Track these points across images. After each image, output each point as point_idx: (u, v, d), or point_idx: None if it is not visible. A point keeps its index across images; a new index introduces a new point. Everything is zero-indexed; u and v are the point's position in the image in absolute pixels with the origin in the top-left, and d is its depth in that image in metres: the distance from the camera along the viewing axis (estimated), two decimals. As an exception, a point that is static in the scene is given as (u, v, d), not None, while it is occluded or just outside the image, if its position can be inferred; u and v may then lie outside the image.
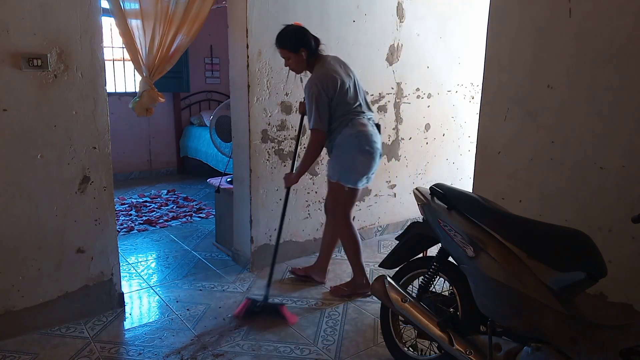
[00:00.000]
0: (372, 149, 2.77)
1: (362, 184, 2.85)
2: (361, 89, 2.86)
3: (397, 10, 3.76)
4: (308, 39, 2.74)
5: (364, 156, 2.75)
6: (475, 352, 1.82)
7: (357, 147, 2.73)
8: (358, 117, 2.75)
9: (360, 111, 2.78)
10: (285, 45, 2.73)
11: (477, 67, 4.12)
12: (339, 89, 2.69)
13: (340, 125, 2.74)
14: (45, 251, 2.49)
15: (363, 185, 2.88)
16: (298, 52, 2.72)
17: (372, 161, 2.80)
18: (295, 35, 2.74)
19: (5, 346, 2.40)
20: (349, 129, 2.73)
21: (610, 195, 2.04)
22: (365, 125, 2.75)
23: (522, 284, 1.65)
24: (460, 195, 1.94)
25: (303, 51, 2.72)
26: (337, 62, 2.82)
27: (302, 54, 2.72)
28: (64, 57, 2.39)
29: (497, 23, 2.40)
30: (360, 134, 2.73)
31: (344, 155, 2.76)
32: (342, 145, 2.75)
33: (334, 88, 2.68)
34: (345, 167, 2.77)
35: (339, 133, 2.75)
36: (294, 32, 2.75)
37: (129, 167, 6.16)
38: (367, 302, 2.92)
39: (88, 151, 2.54)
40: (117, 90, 6.03)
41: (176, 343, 2.48)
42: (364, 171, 2.80)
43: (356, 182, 2.81)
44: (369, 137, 2.75)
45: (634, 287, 2.01)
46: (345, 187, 2.80)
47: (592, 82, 2.05)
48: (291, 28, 2.78)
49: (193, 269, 3.41)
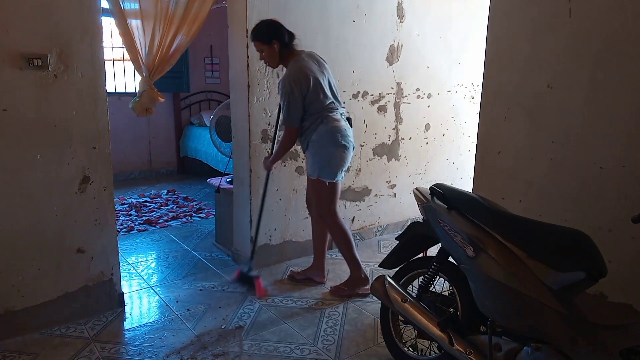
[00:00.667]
0: (347, 143, 2.83)
1: (341, 177, 2.90)
2: (334, 84, 2.89)
3: (397, 10, 3.77)
4: (281, 32, 2.77)
5: (340, 150, 2.81)
6: (475, 352, 1.82)
7: (333, 142, 2.78)
8: (331, 114, 2.79)
9: (334, 107, 2.82)
10: (258, 37, 2.77)
11: (477, 67, 4.12)
12: (312, 86, 2.72)
13: (314, 122, 2.78)
14: (45, 251, 2.49)
15: (342, 178, 2.92)
16: (270, 44, 2.74)
17: (348, 155, 2.87)
18: (267, 27, 2.77)
19: (5, 346, 2.40)
20: (324, 125, 2.77)
21: (610, 195, 2.04)
22: (339, 120, 2.81)
23: (522, 284, 1.65)
24: (460, 195, 1.94)
25: (275, 43, 2.74)
26: (312, 58, 2.83)
27: (274, 46, 2.75)
28: (64, 57, 2.39)
29: (497, 23, 2.40)
30: (335, 129, 2.77)
31: (321, 151, 2.80)
32: (318, 141, 2.79)
33: (307, 85, 2.71)
34: (324, 163, 2.81)
35: (314, 130, 2.79)
36: (267, 25, 2.79)
37: (129, 167, 6.16)
38: (367, 302, 2.92)
39: (88, 151, 2.54)
40: (117, 90, 6.02)
41: (176, 343, 2.48)
42: (341, 165, 2.85)
43: (335, 175, 2.85)
44: (343, 132, 2.80)
45: (634, 287, 2.01)
46: (326, 182, 2.83)
47: (592, 82, 2.05)
48: (265, 21, 2.82)
49: (193, 269, 3.41)
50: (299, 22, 3.25)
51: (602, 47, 2.01)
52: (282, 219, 3.45)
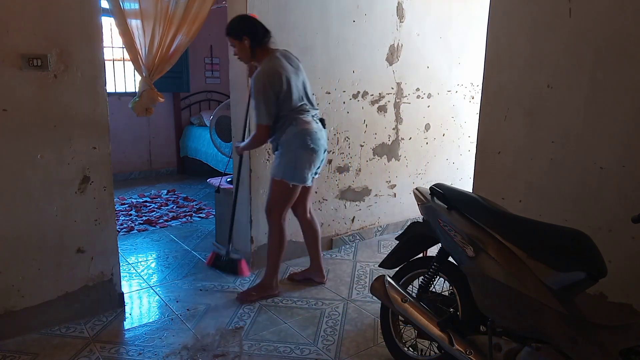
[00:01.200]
0: (317, 146, 2.77)
1: (309, 181, 2.85)
2: (308, 86, 2.86)
3: (397, 10, 3.77)
4: (253, 29, 2.72)
5: (307, 153, 2.76)
6: (475, 352, 1.82)
7: (301, 145, 2.73)
8: (302, 116, 2.75)
9: (305, 109, 2.78)
10: (229, 32, 2.74)
11: (477, 67, 4.12)
12: (286, 86, 2.68)
13: (285, 123, 2.74)
14: (45, 251, 2.49)
15: (309, 182, 2.87)
16: (241, 39, 2.71)
17: (317, 158, 2.82)
18: (239, 23, 2.74)
19: (5, 346, 2.40)
20: (294, 127, 2.73)
21: (610, 195, 2.04)
22: (309, 123, 2.76)
23: (522, 284, 1.65)
24: (460, 195, 1.94)
25: (246, 39, 2.70)
26: (286, 58, 2.79)
27: (244, 42, 2.71)
28: (64, 57, 2.39)
29: (497, 23, 2.40)
30: (305, 132, 2.73)
31: (289, 153, 2.76)
32: (287, 143, 2.75)
33: (280, 85, 2.66)
34: (291, 165, 2.76)
35: (284, 131, 2.75)
36: (239, 20, 2.76)
37: (129, 167, 6.16)
38: (367, 302, 2.92)
39: (88, 151, 2.54)
40: (117, 90, 6.02)
41: (176, 343, 2.48)
42: (307, 168, 2.79)
43: (302, 179, 2.80)
44: (313, 135, 2.75)
45: (634, 287, 2.01)
46: (290, 184, 2.79)
47: (592, 82, 2.05)
48: (238, 16, 2.80)
49: (193, 269, 3.41)
50: (299, 22, 3.25)
51: (602, 47, 2.01)
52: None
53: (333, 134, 3.60)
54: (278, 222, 2.89)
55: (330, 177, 3.66)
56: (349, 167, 3.76)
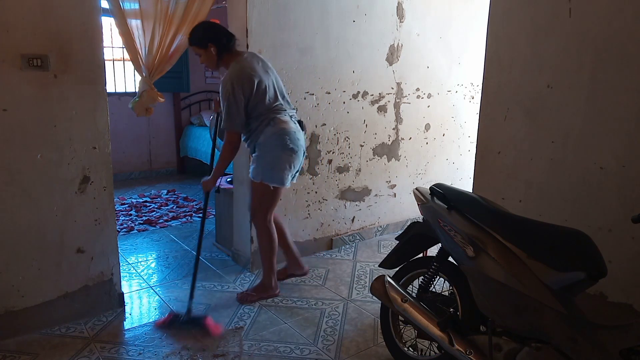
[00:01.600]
0: (296, 147, 2.73)
1: (288, 182, 2.81)
2: (282, 86, 2.82)
3: (397, 10, 3.77)
4: (217, 35, 2.69)
5: (287, 154, 2.71)
6: (475, 352, 1.81)
7: (280, 145, 2.69)
8: (279, 115, 2.71)
9: (282, 109, 2.74)
10: (194, 42, 2.70)
11: (477, 67, 4.13)
12: (256, 87, 2.63)
13: (261, 124, 2.69)
14: (45, 251, 2.49)
15: (289, 184, 2.82)
16: (206, 47, 2.67)
17: (297, 159, 2.77)
18: (203, 31, 2.70)
19: (5, 346, 2.40)
20: (271, 127, 2.68)
21: (610, 195, 2.04)
22: (287, 122, 2.72)
23: (522, 284, 1.65)
24: (460, 195, 1.94)
25: (211, 47, 2.67)
26: (255, 59, 2.75)
27: (210, 49, 2.67)
28: (64, 57, 2.39)
29: (497, 23, 2.40)
30: (283, 132, 2.68)
31: (267, 154, 2.71)
32: (265, 144, 2.70)
33: (250, 87, 2.62)
34: (269, 167, 2.72)
35: (261, 132, 2.70)
36: (202, 29, 2.72)
37: (129, 167, 6.16)
38: (367, 302, 2.92)
39: (88, 151, 2.54)
40: (117, 90, 6.02)
41: (176, 343, 2.47)
42: (287, 169, 2.75)
43: (282, 181, 2.75)
44: (292, 135, 2.71)
45: (634, 287, 2.01)
46: (270, 186, 2.75)
47: (592, 82, 2.05)
48: (201, 24, 2.77)
49: (193, 269, 3.40)
50: (299, 22, 3.25)
51: (602, 47, 2.01)
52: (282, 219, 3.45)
53: (333, 134, 3.60)
54: (263, 224, 2.86)
55: (330, 177, 3.67)
56: (349, 167, 3.76)
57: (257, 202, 2.82)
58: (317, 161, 3.55)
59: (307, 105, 3.41)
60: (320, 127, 3.51)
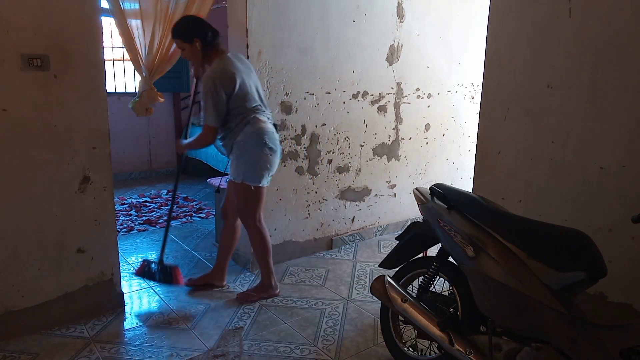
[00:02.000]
0: (275, 147, 2.74)
1: (267, 181, 2.80)
2: (261, 88, 2.82)
3: (397, 10, 3.77)
4: (203, 30, 2.67)
5: (267, 153, 2.71)
6: (475, 352, 1.82)
7: (260, 144, 2.68)
8: (258, 115, 2.70)
9: (261, 110, 2.74)
10: (180, 35, 2.66)
11: (477, 67, 4.12)
12: (238, 86, 2.62)
13: (240, 123, 2.68)
14: (45, 251, 2.49)
15: (268, 183, 2.82)
16: (192, 42, 2.64)
17: (275, 158, 2.78)
18: (189, 25, 2.68)
19: (5, 346, 2.40)
20: (251, 126, 2.67)
21: (610, 195, 2.04)
22: (266, 122, 2.72)
23: (522, 284, 1.65)
24: (460, 195, 1.94)
25: (197, 42, 2.64)
26: (238, 59, 2.75)
27: (196, 44, 2.65)
28: (64, 57, 2.39)
29: (497, 23, 2.40)
30: (263, 131, 2.68)
31: (247, 154, 2.70)
32: (244, 143, 2.69)
33: (232, 85, 2.60)
34: (250, 166, 2.71)
35: (240, 131, 2.69)
36: (189, 22, 2.70)
37: (129, 167, 6.16)
38: (367, 302, 2.92)
39: (88, 151, 2.54)
40: (117, 90, 6.02)
41: (176, 343, 2.48)
42: (267, 168, 2.74)
43: (261, 179, 2.74)
44: (270, 135, 2.71)
45: (634, 287, 2.01)
46: (252, 186, 2.73)
47: (592, 82, 2.05)
48: (187, 18, 2.75)
49: (193, 269, 3.41)
50: (299, 22, 3.25)
51: (602, 47, 2.01)
52: (282, 219, 3.45)
53: (333, 134, 3.60)
54: (253, 225, 2.85)
55: (330, 177, 3.67)
56: (349, 167, 3.76)
57: (243, 203, 2.81)
58: (317, 161, 3.55)
59: (307, 105, 3.41)
60: (320, 127, 3.52)
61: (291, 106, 3.33)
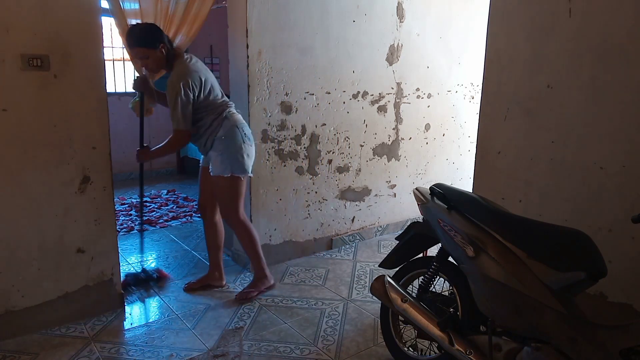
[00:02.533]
0: (250, 137, 2.83)
1: (251, 170, 2.87)
2: None
3: (397, 10, 3.77)
4: (163, 35, 2.68)
5: (248, 144, 2.79)
6: (475, 352, 1.82)
7: (241, 135, 2.76)
8: (231, 109, 2.79)
9: (230, 103, 2.82)
10: (144, 43, 2.60)
11: (477, 67, 4.13)
12: (204, 85, 2.67)
13: (216, 118, 2.73)
14: (45, 251, 2.49)
15: (252, 172, 2.89)
16: (157, 48, 2.62)
17: (254, 148, 2.87)
18: (152, 31, 2.64)
19: (5, 346, 2.40)
20: (229, 120, 2.74)
21: (610, 195, 2.04)
22: (239, 115, 2.82)
23: (522, 284, 1.65)
24: (460, 195, 1.94)
25: (163, 47, 2.64)
26: (194, 59, 2.77)
27: (162, 50, 2.64)
28: (64, 57, 2.39)
29: (497, 23, 2.40)
30: (241, 124, 2.78)
31: (231, 146, 2.73)
32: (226, 136, 2.73)
33: (199, 84, 2.64)
34: (235, 158, 2.74)
35: (219, 126, 2.73)
36: (150, 29, 2.66)
37: (129, 167, 6.14)
38: (367, 302, 2.92)
39: (88, 151, 2.54)
40: (117, 90, 6.02)
41: (176, 343, 2.48)
42: (250, 158, 2.82)
43: (248, 169, 2.81)
44: (246, 126, 2.82)
45: (634, 287, 2.01)
46: (241, 177, 2.78)
47: (592, 82, 2.05)
48: (144, 25, 2.73)
49: (193, 269, 3.41)
50: (299, 22, 3.25)
51: (602, 47, 2.01)
52: (282, 219, 3.45)
53: (333, 134, 3.60)
54: (238, 221, 2.87)
55: (330, 177, 3.67)
56: (349, 167, 3.76)
57: (227, 200, 2.83)
58: (317, 161, 3.55)
59: (307, 105, 3.41)
60: (320, 127, 3.52)
61: (291, 106, 3.33)
